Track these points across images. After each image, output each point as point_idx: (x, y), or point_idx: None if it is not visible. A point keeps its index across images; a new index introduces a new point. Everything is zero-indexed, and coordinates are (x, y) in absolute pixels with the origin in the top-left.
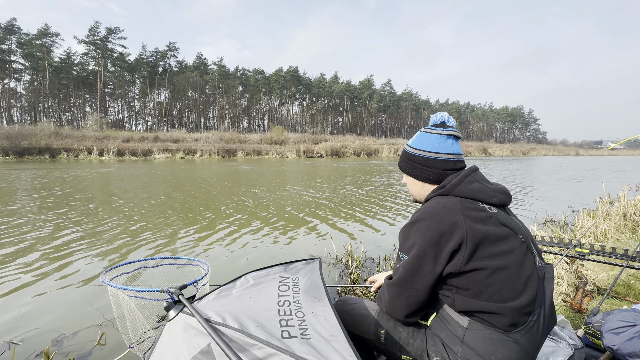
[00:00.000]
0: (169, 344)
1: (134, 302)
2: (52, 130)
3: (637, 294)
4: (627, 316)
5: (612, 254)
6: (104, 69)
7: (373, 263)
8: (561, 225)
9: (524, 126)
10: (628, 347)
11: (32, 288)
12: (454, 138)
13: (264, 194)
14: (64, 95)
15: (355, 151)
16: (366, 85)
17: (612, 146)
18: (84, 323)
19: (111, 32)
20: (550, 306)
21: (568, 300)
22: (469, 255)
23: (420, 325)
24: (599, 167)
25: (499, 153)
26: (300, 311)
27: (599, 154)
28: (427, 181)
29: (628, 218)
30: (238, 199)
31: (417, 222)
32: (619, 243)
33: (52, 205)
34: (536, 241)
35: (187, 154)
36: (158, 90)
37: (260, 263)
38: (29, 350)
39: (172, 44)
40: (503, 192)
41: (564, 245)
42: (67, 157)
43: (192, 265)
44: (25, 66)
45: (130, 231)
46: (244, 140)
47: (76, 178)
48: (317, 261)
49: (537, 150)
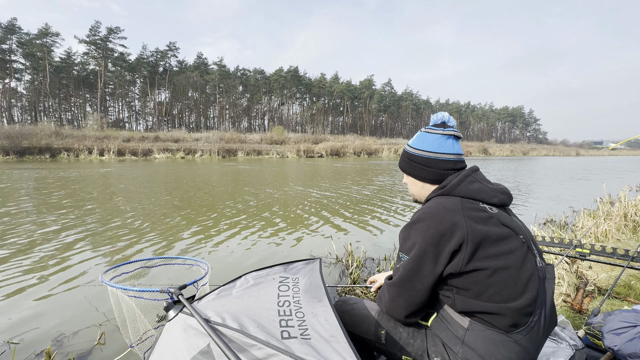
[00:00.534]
0: (168, 344)
1: (134, 302)
2: (53, 130)
3: (637, 294)
4: (628, 317)
5: (612, 254)
6: (105, 69)
7: (373, 263)
8: (562, 225)
9: (525, 126)
10: (629, 347)
11: (31, 288)
12: (454, 138)
13: (264, 194)
14: (64, 95)
15: (356, 151)
16: (366, 85)
17: (612, 146)
18: (84, 323)
19: (112, 32)
20: (551, 307)
21: (569, 300)
22: (470, 256)
23: (421, 326)
24: (599, 167)
25: (500, 153)
26: (300, 311)
27: (599, 154)
28: (428, 181)
29: (629, 218)
30: (237, 199)
31: (417, 222)
32: (619, 243)
33: (52, 205)
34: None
35: (187, 154)
36: (158, 90)
37: (260, 263)
38: (29, 350)
39: (173, 44)
40: (504, 192)
41: (564, 245)
42: (68, 157)
43: (192, 266)
44: (26, 66)
45: (130, 231)
46: (244, 140)
47: (77, 178)
48: (317, 261)
49: (538, 150)
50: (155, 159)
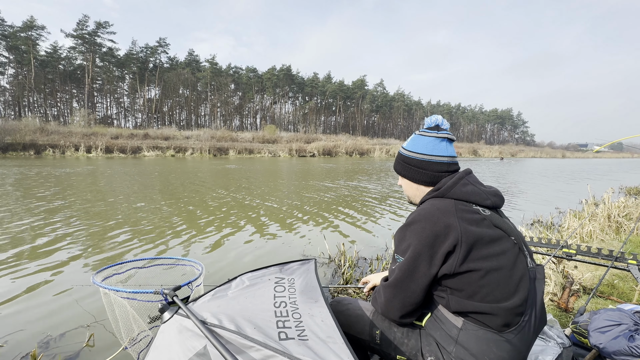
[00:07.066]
0: (163, 347)
1: (128, 303)
2: (38, 125)
3: (620, 293)
4: (613, 315)
5: (597, 255)
6: (92, 64)
7: (365, 263)
8: (548, 225)
9: (513, 128)
10: (613, 345)
11: (15, 288)
12: (447, 141)
13: (257, 194)
14: (50, 90)
15: (348, 151)
16: (359, 85)
17: (597, 149)
18: (72, 324)
19: (100, 27)
20: (541, 306)
21: (555, 299)
22: (464, 257)
23: (415, 326)
24: (584, 169)
25: (489, 154)
26: (296, 312)
27: (584, 156)
28: (422, 183)
29: (612, 219)
30: (230, 199)
31: (412, 224)
32: (603, 244)
33: (36, 204)
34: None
35: (177, 152)
36: (148, 86)
37: (254, 262)
38: (14, 353)
39: (163, 40)
40: (496, 195)
41: (551, 245)
42: (53, 154)
43: (186, 266)
44: (9, 59)
45: (120, 231)
46: (236, 138)
47: (63, 175)
48: (313, 262)
49: (526, 152)
50: (144, 157)
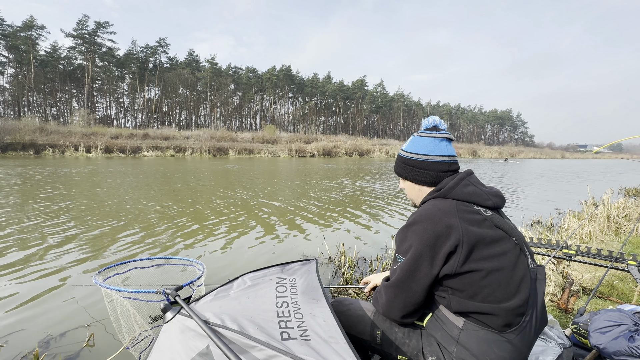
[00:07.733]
0: (165, 346)
1: (130, 303)
2: (37, 125)
3: (620, 293)
4: (613, 316)
5: (597, 255)
6: (92, 64)
7: (365, 263)
8: (548, 226)
9: (513, 129)
10: (613, 346)
11: (16, 288)
12: (447, 140)
13: (257, 194)
14: (49, 89)
15: (347, 151)
16: (359, 85)
17: (596, 150)
18: (72, 324)
19: (100, 26)
20: (541, 307)
21: (555, 300)
22: (465, 257)
23: (416, 326)
24: (584, 170)
25: (488, 155)
26: (298, 312)
27: (583, 157)
28: (425, 184)
29: (612, 220)
30: (230, 199)
31: (413, 225)
32: (603, 244)
33: (37, 204)
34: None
35: (177, 152)
36: (148, 86)
37: (254, 262)
38: (15, 352)
39: (163, 40)
40: (497, 195)
41: (551, 246)
42: (53, 154)
43: (187, 266)
44: (9, 59)
45: (121, 231)
46: (236, 138)
47: (66, 175)
48: (314, 262)
49: (525, 152)
50: (144, 157)
